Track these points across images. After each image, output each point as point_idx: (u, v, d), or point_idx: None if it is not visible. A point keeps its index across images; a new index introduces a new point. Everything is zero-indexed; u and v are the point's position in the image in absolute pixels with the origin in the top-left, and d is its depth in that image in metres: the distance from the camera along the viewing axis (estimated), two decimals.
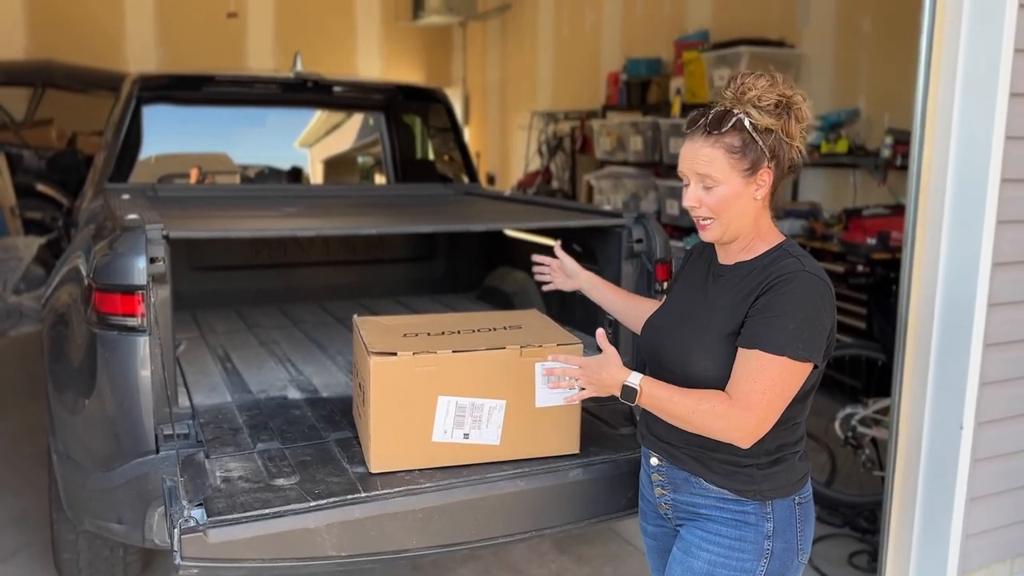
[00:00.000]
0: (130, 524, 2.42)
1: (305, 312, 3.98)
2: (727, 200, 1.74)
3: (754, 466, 1.76)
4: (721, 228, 1.78)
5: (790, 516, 1.78)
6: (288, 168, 4.93)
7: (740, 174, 1.72)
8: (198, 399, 2.69)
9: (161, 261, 2.36)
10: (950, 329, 2.78)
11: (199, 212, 3.25)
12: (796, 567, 1.80)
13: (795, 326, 1.64)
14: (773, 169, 1.74)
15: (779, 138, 1.72)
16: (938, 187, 2.77)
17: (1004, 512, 2.96)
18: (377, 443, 2.10)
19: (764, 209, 1.79)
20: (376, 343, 2.12)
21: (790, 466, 1.78)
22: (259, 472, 2.12)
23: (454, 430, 2.13)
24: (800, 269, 1.69)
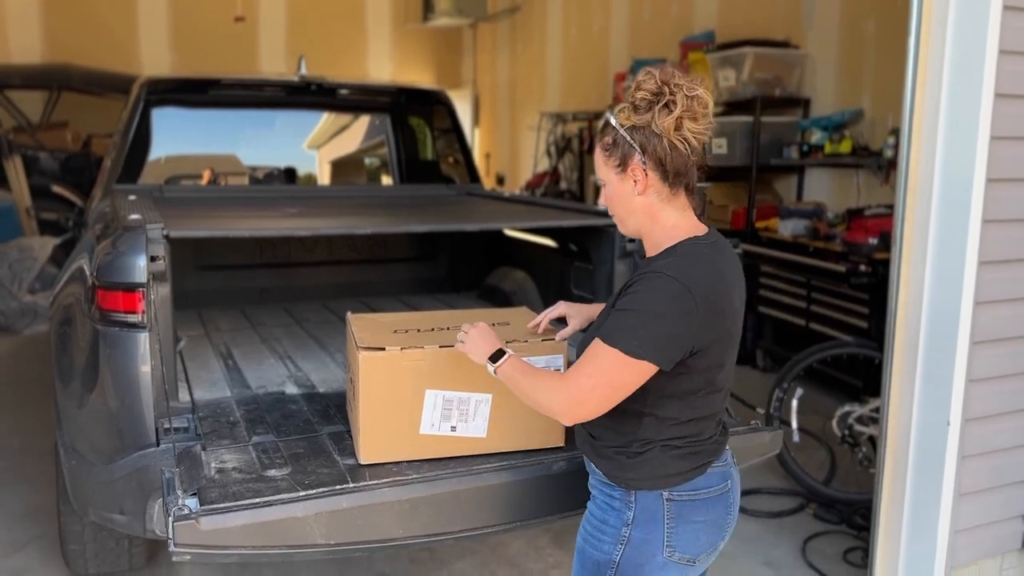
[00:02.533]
0: (131, 515, 2.49)
1: (308, 311, 4.06)
2: (611, 198, 1.82)
3: (624, 454, 1.80)
4: (622, 225, 1.86)
5: (655, 509, 1.78)
6: (293, 170, 5.01)
7: (614, 171, 1.78)
8: (198, 394, 2.77)
9: (161, 259, 2.43)
10: (937, 327, 2.82)
11: (202, 212, 3.33)
12: (661, 563, 1.78)
13: (634, 322, 1.66)
14: (648, 163, 1.73)
15: (649, 132, 1.71)
16: (925, 187, 2.81)
17: (993, 508, 2.99)
18: (366, 435, 2.17)
19: (663, 205, 1.77)
20: (365, 338, 2.19)
21: (659, 461, 1.77)
22: (252, 464, 2.19)
23: (441, 423, 2.19)
24: (662, 270, 1.69)
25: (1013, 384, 2.94)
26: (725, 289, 1.74)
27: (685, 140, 1.72)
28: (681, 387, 1.75)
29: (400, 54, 10.82)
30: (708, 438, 1.83)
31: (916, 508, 2.92)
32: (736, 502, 1.90)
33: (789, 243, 5.86)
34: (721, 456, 1.87)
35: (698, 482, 1.81)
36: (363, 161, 5.21)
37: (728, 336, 1.77)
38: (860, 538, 3.77)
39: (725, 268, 1.77)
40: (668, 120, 1.70)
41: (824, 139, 6.04)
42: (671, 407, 1.77)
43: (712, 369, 1.76)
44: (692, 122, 1.71)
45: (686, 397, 1.77)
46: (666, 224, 1.79)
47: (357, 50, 10.53)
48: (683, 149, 1.73)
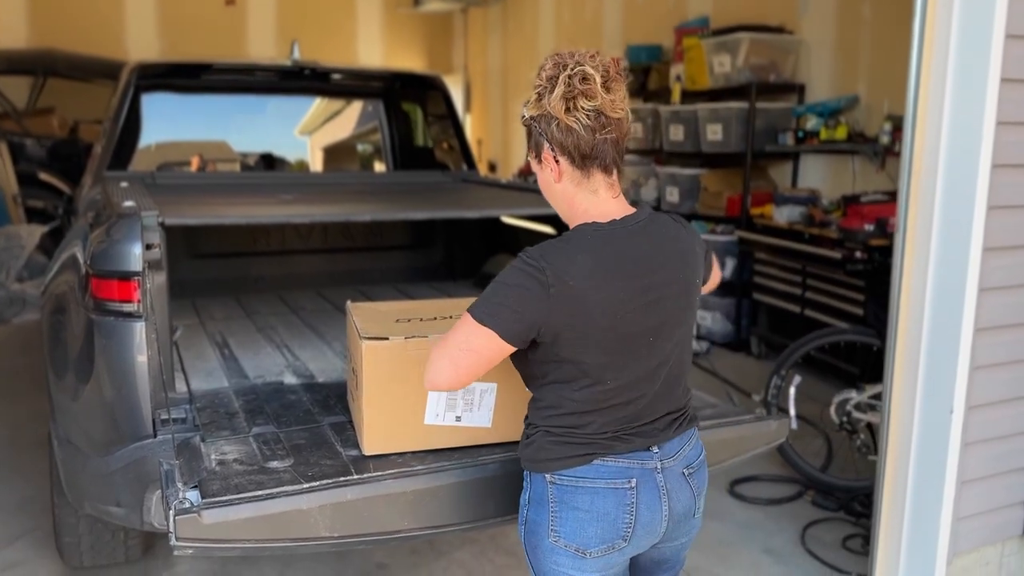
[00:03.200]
0: (128, 507, 2.45)
1: (303, 299, 4.01)
2: (542, 189, 1.82)
3: (524, 434, 1.83)
4: (559, 213, 1.83)
5: (543, 492, 1.77)
6: (287, 156, 4.95)
7: (534, 162, 1.78)
8: (195, 384, 2.73)
9: (157, 247, 2.39)
10: (941, 314, 2.80)
11: (196, 199, 3.28)
12: (549, 546, 1.76)
13: (489, 292, 1.68)
14: (556, 149, 1.70)
15: (549, 118, 1.68)
16: (930, 172, 2.78)
17: (995, 495, 2.99)
18: (370, 426, 2.13)
19: (576, 191, 1.73)
20: (368, 328, 2.15)
21: (540, 445, 1.77)
22: (253, 455, 2.16)
23: (446, 413, 2.15)
24: (525, 249, 1.69)
25: (1016, 371, 2.93)
26: (601, 278, 1.65)
27: (578, 120, 1.65)
28: (550, 375, 1.73)
29: (390, 39, 10.72)
30: (598, 433, 1.74)
31: (918, 496, 2.91)
32: (649, 509, 1.77)
33: (784, 230, 5.84)
34: (629, 453, 1.76)
35: (581, 470, 1.74)
36: (357, 147, 5.15)
37: (599, 328, 1.66)
38: (859, 525, 3.77)
39: (617, 255, 1.67)
40: (556, 102, 1.65)
41: (819, 125, 6.01)
42: (546, 394, 1.76)
43: (578, 360, 1.68)
44: (585, 99, 1.64)
45: (557, 386, 1.73)
46: (579, 209, 1.74)
47: (347, 35, 10.42)
48: (579, 129, 1.65)
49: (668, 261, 1.75)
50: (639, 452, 1.77)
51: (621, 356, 1.71)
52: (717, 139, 6.43)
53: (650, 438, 1.79)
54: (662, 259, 1.74)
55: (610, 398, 1.73)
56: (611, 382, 1.72)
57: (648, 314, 1.71)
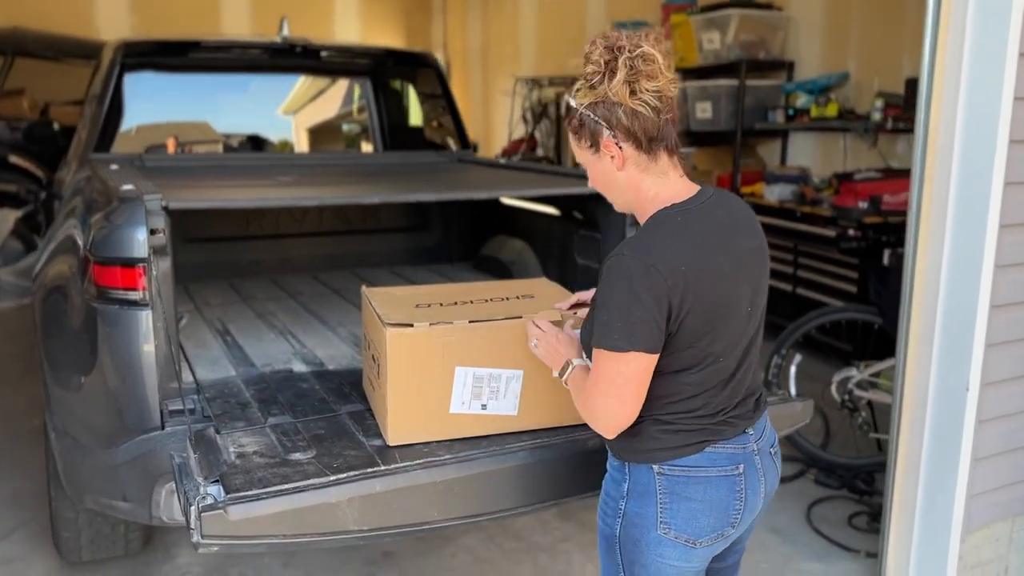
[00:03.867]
0: (136, 502, 2.38)
1: (299, 283, 3.92)
2: (596, 180, 1.76)
3: None
4: (616, 205, 1.79)
5: (648, 484, 1.71)
6: (275, 136, 4.84)
7: (589, 152, 1.71)
8: (201, 373, 2.64)
9: (162, 232, 2.30)
10: (956, 291, 2.78)
11: (192, 182, 3.17)
12: (656, 539, 1.71)
13: (608, 316, 1.60)
14: (619, 136, 1.64)
15: (609, 104, 1.62)
16: (945, 148, 2.75)
17: (1007, 472, 2.99)
18: (394, 415, 2.07)
19: (643, 176, 1.68)
20: (391, 314, 2.08)
21: (649, 435, 1.71)
22: (273, 447, 2.08)
23: (472, 401, 2.10)
24: (621, 251, 1.61)
25: None
26: (704, 253, 1.62)
27: (645, 103, 1.62)
28: (670, 365, 1.66)
29: (368, 16, 10.53)
30: (708, 416, 1.71)
31: (932, 474, 2.91)
32: (754, 492, 1.77)
33: (775, 208, 5.83)
34: (733, 438, 1.74)
35: (692, 460, 1.71)
36: (348, 127, 5.04)
37: (713, 306, 1.64)
38: (863, 503, 3.78)
39: (706, 232, 1.65)
40: (618, 87, 1.61)
41: (810, 103, 5.99)
42: (661, 385, 1.69)
43: (699, 342, 1.65)
44: (648, 81, 1.61)
45: (676, 375, 1.68)
46: (647, 195, 1.70)
47: (323, 12, 10.22)
48: (646, 112, 1.62)
49: (746, 231, 1.74)
50: (741, 436, 1.76)
51: (731, 330, 1.69)
52: (707, 117, 6.39)
53: (746, 420, 1.78)
54: (742, 230, 1.73)
55: (721, 376, 1.71)
56: (723, 359, 1.70)
57: (745, 284, 1.70)
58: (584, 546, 3.38)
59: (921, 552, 2.97)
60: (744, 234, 1.73)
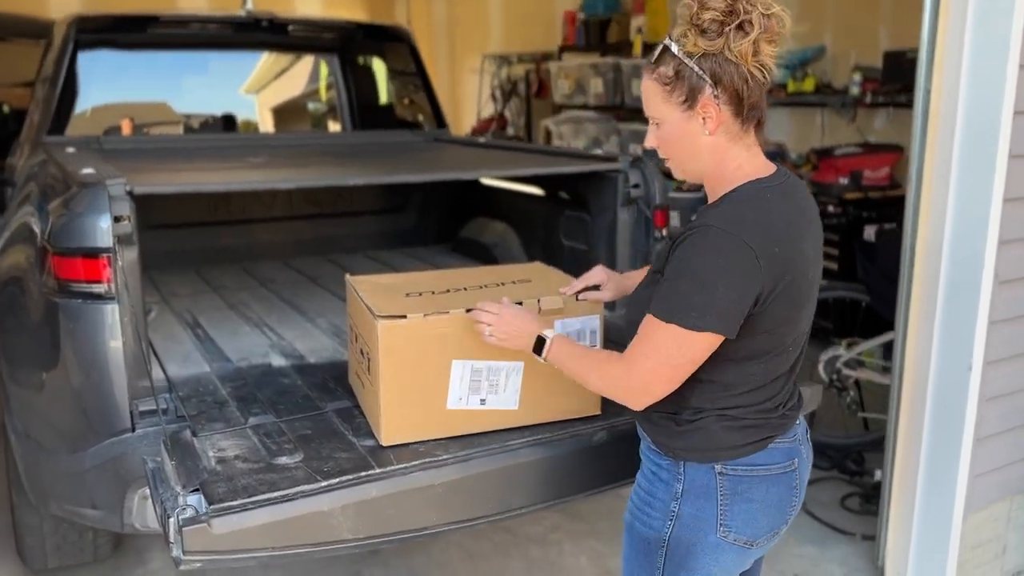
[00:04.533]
0: (106, 509, 2.23)
1: (271, 270, 3.74)
2: (672, 139, 1.59)
3: (673, 420, 1.63)
4: (679, 170, 1.65)
5: (707, 484, 1.60)
6: (239, 116, 4.62)
7: (678, 108, 1.55)
8: (172, 370, 2.47)
9: (127, 220, 2.13)
10: (959, 267, 2.70)
11: (156, 165, 2.98)
12: (714, 543, 1.60)
13: (688, 288, 1.47)
14: (722, 97, 1.50)
15: (722, 60, 1.48)
16: (948, 120, 2.66)
17: (1007, 451, 2.94)
18: (388, 414, 1.93)
19: (730, 145, 1.55)
20: (382, 305, 1.93)
21: (711, 431, 1.59)
22: (257, 450, 1.93)
23: (470, 396, 1.96)
24: (711, 223, 1.48)
25: None
26: (792, 236, 1.51)
27: (763, 67, 1.50)
28: (742, 350, 1.55)
29: None
30: (772, 409, 1.62)
31: (933, 455, 2.84)
32: (803, 484, 1.69)
33: None
34: (788, 431, 1.66)
35: (756, 458, 1.61)
36: (318, 106, 4.84)
37: (796, 290, 1.54)
38: (854, 483, 3.72)
39: (793, 212, 1.55)
40: (744, 44, 1.46)
41: (787, 77, 5.90)
42: (729, 372, 1.57)
43: (778, 328, 1.55)
44: (769, 45, 1.49)
45: (746, 362, 1.57)
46: (731, 165, 1.57)
47: None
48: (761, 78, 1.50)
49: (817, 219, 1.64)
50: (793, 428, 1.68)
51: (805, 319, 1.61)
52: None
53: (797, 411, 1.69)
54: (810, 217, 1.62)
55: (784, 366, 1.62)
56: (792, 348, 1.61)
57: (816, 265, 1.61)
58: (575, 536, 3.28)
59: (922, 534, 2.91)
60: (816, 222, 1.64)
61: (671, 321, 1.48)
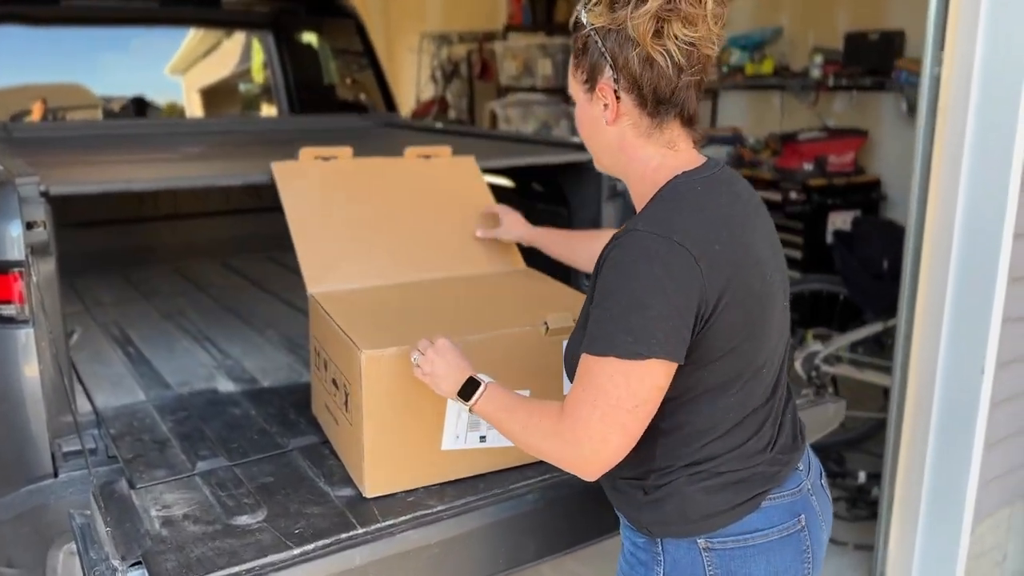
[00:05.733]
0: (24, 567, 1.90)
1: (208, 272, 3.36)
2: (580, 124, 1.37)
3: (640, 488, 1.34)
4: (596, 162, 1.42)
5: (693, 565, 1.30)
6: (163, 99, 4.20)
7: (581, 88, 1.32)
8: (101, 400, 2.11)
9: (42, 226, 1.77)
10: (970, 264, 2.51)
11: (75, 157, 2.58)
12: None
13: (619, 311, 1.19)
14: (621, 82, 1.26)
15: (624, 37, 1.23)
16: (959, 105, 2.46)
17: (1013, 456, 2.79)
18: (373, 459, 1.61)
19: (640, 142, 1.30)
20: (362, 334, 1.61)
21: (682, 495, 1.29)
22: (210, 507, 1.60)
23: (468, 433, 1.66)
24: (636, 227, 1.22)
25: None
26: (734, 231, 1.25)
27: (667, 52, 1.22)
28: (703, 382, 1.26)
29: None
30: (757, 453, 1.31)
31: (940, 462, 2.66)
32: (818, 547, 1.38)
33: None
34: (788, 480, 1.34)
35: (748, 522, 1.30)
36: (251, 88, 4.43)
37: (752, 295, 1.25)
38: (837, 486, 3.55)
39: (732, 204, 1.29)
40: (642, 20, 1.20)
41: (744, 59, 5.71)
42: (694, 413, 1.27)
43: (740, 345, 1.25)
44: (683, 26, 1.21)
45: (712, 396, 1.27)
46: (649, 164, 1.31)
47: None
48: (664, 64, 1.23)
49: (764, 210, 1.37)
50: (793, 476, 1.35)
51: (771, 330, 1.31)
52: None
53: (793, 452, 1.37)
54: (761, 208, 1.36)
55: (764, 393, 1.32)
56: (764, 369, 1.31)
57: (778, 272, 1.34)
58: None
59: (926, 545, 2.74)
60: (762, 211, 1.37)
61: (607, 354, 1.18)
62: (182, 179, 2.18)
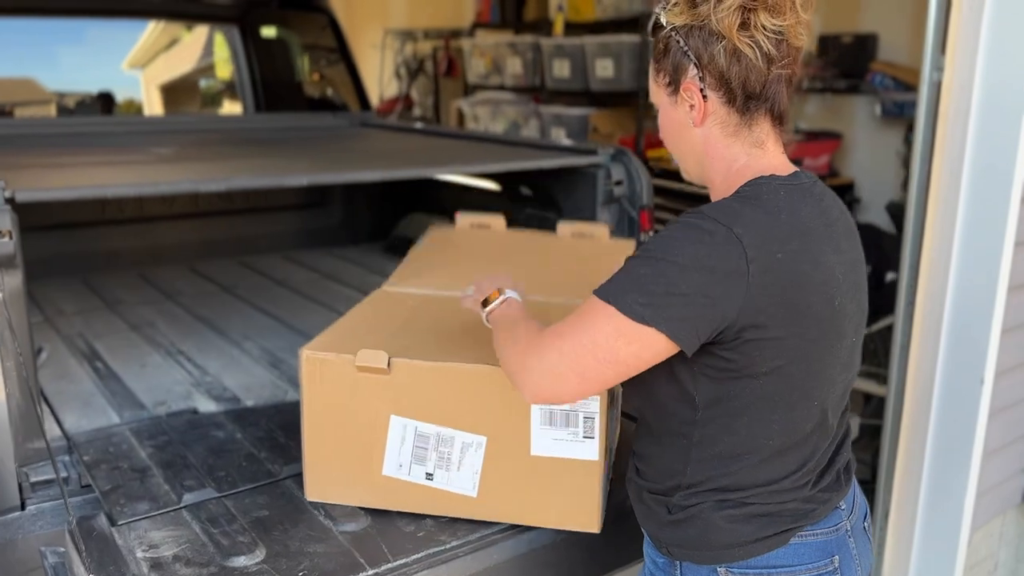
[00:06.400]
0: None
1: (176, 279, 3.18)
2: (665, 130, 1.33)
3: (664, 505, 1.29)
4: (682, 169, 1.37)
5: None
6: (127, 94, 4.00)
7: (664, 91, 1.29)
8: (71, 422, 1.95)
9: (7, 236, 1.61)
10: (970, 273, 2.47)
11: (37, 159, 2.40)
12: None
13: (646, 271, 1.14)
14: (707, 80, 1.22)
15: (707, 34, 1.19)
16: (960, 111, 2.41)
17: (1007, 465, 2.76)
18: (312, 464, 1.58)
19: (728, 141, 1.25)
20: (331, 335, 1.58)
21: (710, 522, 1.23)
22: (203, 546, 1.46)
23: (412, 465, 1.53)
24: (701, 210, 1.18)
25: None
26: (809, 245, 1.17)
27: (756, 44, 1.18)
28: (738, 394, 1.18)
29: None
30: (793, 489, 1.24)
31: (938, 473, 2.62)
32: None
33: None
34: (824, 519, 1.27)
35: (775, 556, 1.23)
36: (222, 85, 4.25)
37: (812, 316, 1.17)
38: None
39: (815, 218, 1.20)
40: (727, 13, 1.16)
41: None
42: (726, 428, 1.20)
43: (785, 368, 1.17)
44: (769, 15, 1.17)
45: (747, 414, 1.19)
46: (734, 165, 1.25)
47: None
48: (753, 57, 1.18)
49: (853, 235, 1.30)
50: (832, 514, 1.28)
51: (829, 358, 1.22)
52: (607, 76, 5.96)
53: (837, 491, 1.29)
54: (851, 232, 1.29)
55: (814, 428, 1.24)
56: (818, 402, 1.23)
57: (853, 301, 1.25)
58: None
59: (922, 556, 2.70)
60: (852, 238, 1.29)
61: (609, 300, 1.15)
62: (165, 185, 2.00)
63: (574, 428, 1.52)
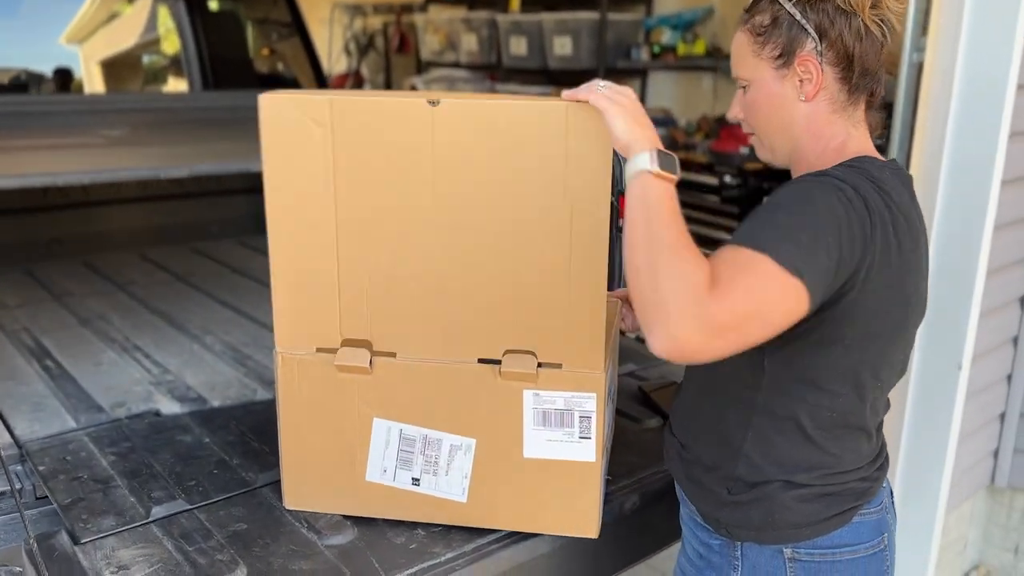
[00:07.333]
0: None
1: (125, 267, 3.01)
2: (759, 105, 1.27)
3: (724, 486, 1.26)
4: (765, 146, 1.32)
5: (772, 574, 1.25)
6: (67, 71, 3.78)
7: (770, 65, 1.24)
8: (22, 428, 1.80)
9: None
10: (949, 258, 2.46)
11: None
12: None
13: (792, 223, 1.05)
14: (827, 55, 1.21)
15: (833, 9, 1.20)
16: (942, 94, 2.38)
17: (979, 447, 2.79)
18: (290, 471, 1.48)
19: (833, 117, 1.24)
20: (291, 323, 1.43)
21: (779, 503, 1.22)
22: (176, 565, 1.34)
23: (398, 470, 1.44)
24: (822, 172, 1.16)
25: (1006, 313, 2.71)
26: (910, 230, 1.17)
27: (884, 22, 1.22)
28: (810, 364, 1.16)
29: None
30: (855, 470, 1.24)
31: (914, 458, 2.62)
32: (893, 564, 1.32)
33: None
34: (875, 497, 1.28)
35: (838, 536, 1.24)
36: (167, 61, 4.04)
37: (904, 302, 1.19)
38: None
39: (910, 207, 1.20)
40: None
41: (676, 39, 5.61)
42: (793, 402, 1.19)
43: (873, 337, 1.16)
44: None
45: (815, 386, 1.18)
46: (831, 143, 1.24)
47: None
48: (879, 35, 1.22)
49: (924, 231, 1.28)
50: (881, 492, 1.30)
51: (899, 341, 1.24)
52: (566, 53, 5.86)
53: (884, 469, 1.32)
54: (923, 226, 1.27)
55: (875, 406, 1.26)
56: (883, 382, 1.25)
57: (924, 292, 1.27)
58: None
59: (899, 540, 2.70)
60: (926, 235, 1.28)
61: (764, 251, 1.00)
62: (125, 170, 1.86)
63: (569, 428, 1.43)
